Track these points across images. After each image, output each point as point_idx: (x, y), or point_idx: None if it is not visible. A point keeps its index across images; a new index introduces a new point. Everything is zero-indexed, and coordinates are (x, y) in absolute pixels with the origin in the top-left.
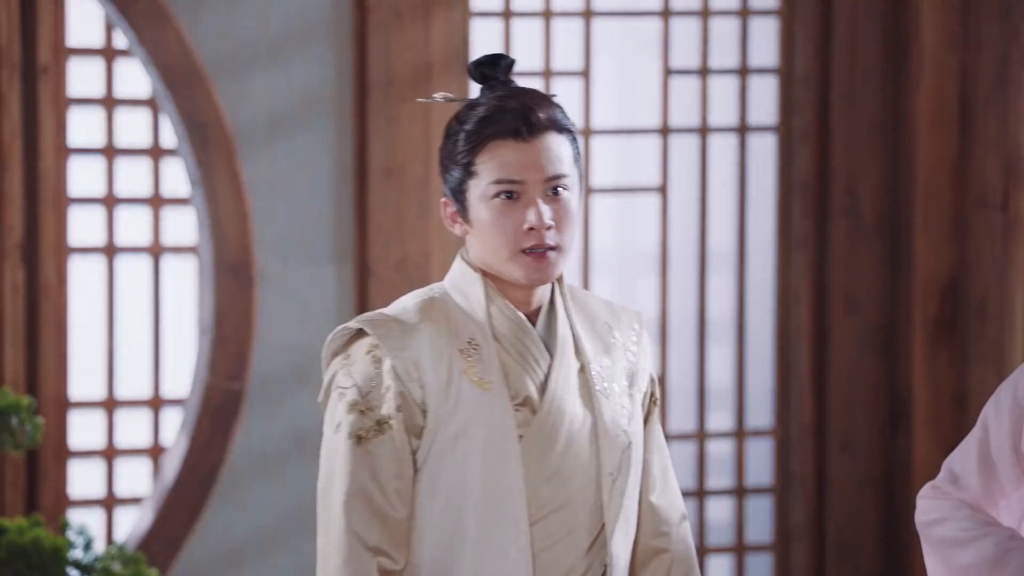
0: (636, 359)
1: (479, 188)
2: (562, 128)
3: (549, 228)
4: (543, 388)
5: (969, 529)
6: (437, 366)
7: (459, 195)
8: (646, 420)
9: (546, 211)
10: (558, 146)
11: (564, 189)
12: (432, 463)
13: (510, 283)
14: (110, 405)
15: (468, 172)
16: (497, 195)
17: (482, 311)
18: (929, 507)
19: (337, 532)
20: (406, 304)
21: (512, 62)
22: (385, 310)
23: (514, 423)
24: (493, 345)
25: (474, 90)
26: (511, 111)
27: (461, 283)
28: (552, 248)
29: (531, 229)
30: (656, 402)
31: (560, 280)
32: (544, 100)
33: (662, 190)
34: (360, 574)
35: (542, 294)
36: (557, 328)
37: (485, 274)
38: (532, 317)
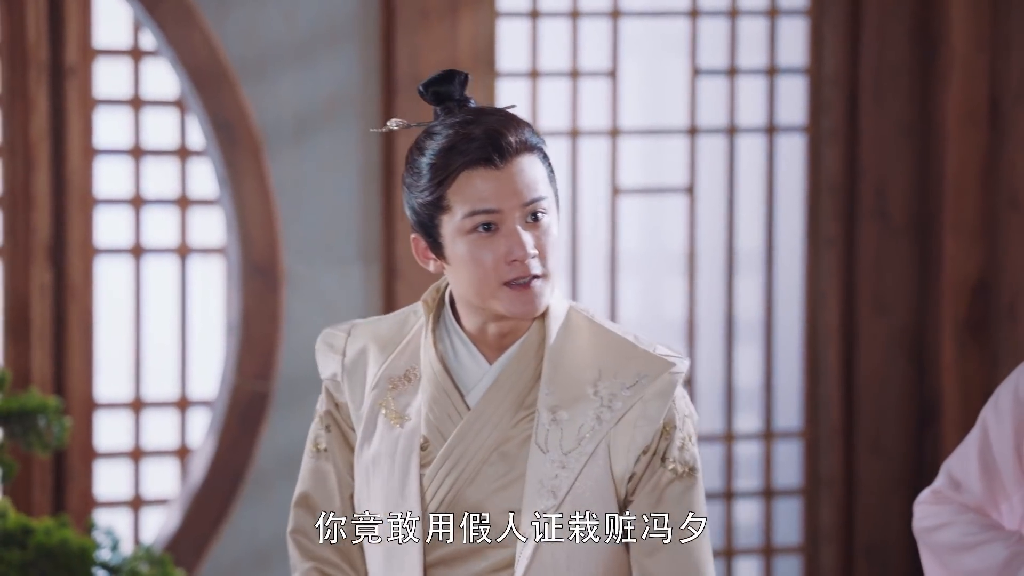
0: (612, 414)
1: (452, 223)
2: (533, 147)
3: (533, 257)
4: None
5: (975, 534)
6: (365, 390)
7: (430, 231)
8: (641, 479)
9: (528, 239)
10: (532, 168)
11: (543, 213)
12: (357, 483)
13: (493, 315)
14: (137, 406)
15: (438, 207)
16: (474, 228)
17: (421, 348)
18: (929, 512)
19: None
20: (392, 315)
21: (467, 77)
22: (368, 320)
23: (417, 462)
24: (425, 381)
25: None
26: (478, 137)
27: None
28: (537, 276)
29: (514, 260)
30: (663, 457)
31: (544, 315)
32: (511, 120)
33: (690, 191)
34: None
35: (520, 327)
36: (504, 372)
37: (455, 310)
38: (501, 351)
